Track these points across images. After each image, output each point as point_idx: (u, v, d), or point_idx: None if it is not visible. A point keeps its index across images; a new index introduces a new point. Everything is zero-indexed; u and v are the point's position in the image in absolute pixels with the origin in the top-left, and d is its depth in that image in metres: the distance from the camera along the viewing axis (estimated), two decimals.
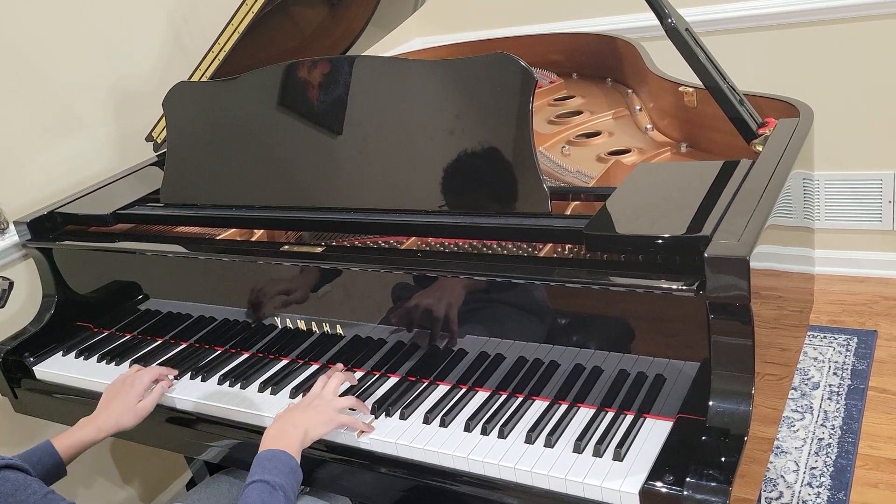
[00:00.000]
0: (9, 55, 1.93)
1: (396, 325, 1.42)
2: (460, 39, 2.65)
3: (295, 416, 1.28)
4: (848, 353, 2.42)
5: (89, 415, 1.45)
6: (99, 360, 1.71)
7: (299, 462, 1.21)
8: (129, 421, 1.43)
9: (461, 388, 1.37)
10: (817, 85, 2.58)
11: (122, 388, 1.47)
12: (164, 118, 1.89)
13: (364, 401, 1.38)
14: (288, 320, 1.54)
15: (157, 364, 1.62)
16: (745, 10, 2.66)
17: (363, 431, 1.31)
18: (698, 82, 1.47)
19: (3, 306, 1.34)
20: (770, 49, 2.67)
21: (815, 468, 2.02)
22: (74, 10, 2.06)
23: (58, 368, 1.73)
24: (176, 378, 1.56)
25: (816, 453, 2.06)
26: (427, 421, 1.30)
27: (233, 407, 1.46)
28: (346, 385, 1.40)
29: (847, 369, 2.36)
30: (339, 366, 1.46)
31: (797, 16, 2.58)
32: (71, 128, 2.08)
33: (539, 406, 1.29)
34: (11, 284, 1.33)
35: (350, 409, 1.33)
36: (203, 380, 1.55)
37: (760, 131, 1.44)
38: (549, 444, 1.20)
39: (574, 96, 2.12)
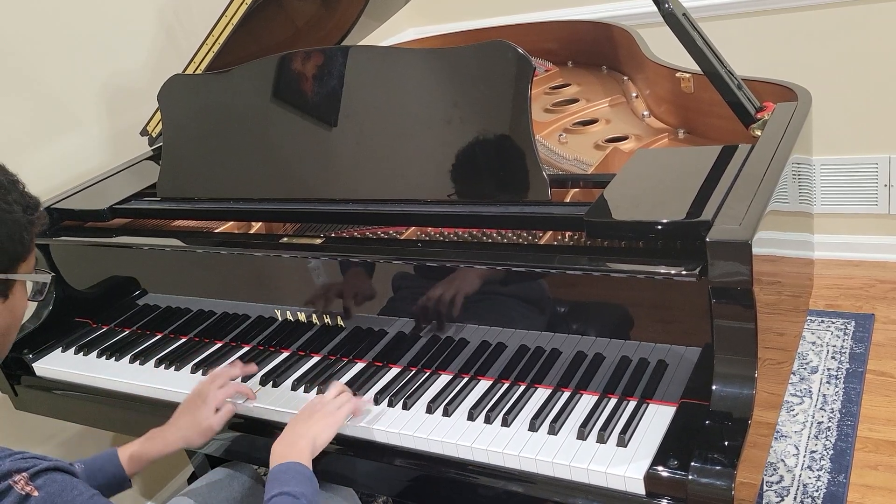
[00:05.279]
0: (0, 54, 1.91)
1: (397, 315, 1.41)
2: (453, 29, 2.64)
3: (299, 427, 1.25)
4: (846, 337, 2.43)
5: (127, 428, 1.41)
6: (99, 356, 1.70)
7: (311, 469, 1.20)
8: (197, 440, 1.37)
9: (463, 378, 1.37)
10: (812, 69, 2.58)
11: (195, 403, 1.40)
12: (158, 112, 1.88)
13: (366, 392, 1.38)
14: (288, 313, 1.53)
15: (158, 358, 1.63)
16: None
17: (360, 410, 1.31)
18: (695, 68, 1.47)
19: (43, 300, 1.28)
20: (765, 34, 2.67)
21: (814, 451, 2.03)
22: (65, 8, 2.05)
23: (57, 365, 1.72)
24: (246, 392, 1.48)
25: (816, 437, 2.07)
26: (430, 410, 1.30)
27: (234, 400, 1.45)
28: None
29: (845, 353, 2.36)
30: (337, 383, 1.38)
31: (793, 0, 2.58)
32: (65, 125, 2.06)
33: (542, 394, 1.29)
34: (53, 278, 1.27)
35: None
36: (204, 374, 1.55)
37: (759, 116, 1.44)
38: (553, 431, 1.20)
39: (570, 84, 2.11)
